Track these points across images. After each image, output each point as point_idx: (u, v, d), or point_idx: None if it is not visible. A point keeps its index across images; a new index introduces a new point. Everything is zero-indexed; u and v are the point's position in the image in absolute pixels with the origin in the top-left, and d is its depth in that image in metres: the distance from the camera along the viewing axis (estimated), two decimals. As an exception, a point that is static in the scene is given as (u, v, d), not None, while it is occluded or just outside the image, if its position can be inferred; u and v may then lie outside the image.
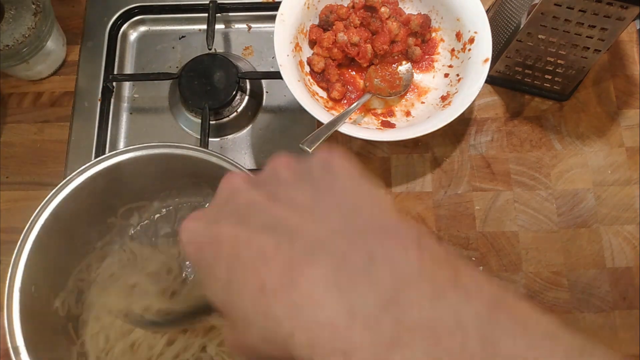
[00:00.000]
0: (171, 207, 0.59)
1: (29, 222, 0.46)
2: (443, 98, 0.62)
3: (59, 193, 0.48)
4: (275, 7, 0.65)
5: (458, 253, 0.22)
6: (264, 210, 0.25)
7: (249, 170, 0.49)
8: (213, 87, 0.67)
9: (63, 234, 0.50)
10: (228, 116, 0.69)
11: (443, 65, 0.65)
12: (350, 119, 0.60)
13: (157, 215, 0.59)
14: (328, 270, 0.22)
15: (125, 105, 0.72)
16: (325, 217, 0.24)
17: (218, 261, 0.25)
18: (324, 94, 0.64)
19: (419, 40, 0.66)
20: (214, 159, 0.49)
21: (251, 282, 0.23)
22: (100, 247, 0.56)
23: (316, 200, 0.25)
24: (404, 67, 0.65)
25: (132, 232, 0.58)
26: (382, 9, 0.63)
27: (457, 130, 0.65)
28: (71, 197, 0.49)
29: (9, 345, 0.43)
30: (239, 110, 0.70)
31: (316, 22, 0.65)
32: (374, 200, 0.26)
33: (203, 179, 0.58)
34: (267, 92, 0.72)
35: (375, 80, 0.63)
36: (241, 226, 0.25)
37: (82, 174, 0.49)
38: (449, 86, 0.63)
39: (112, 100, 0.71)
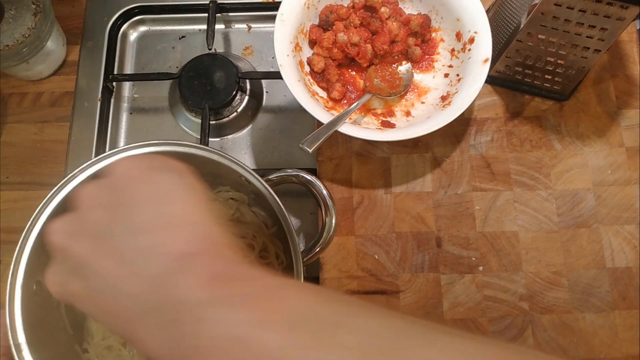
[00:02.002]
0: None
1: (31, 219, 0.46)
2: (443, 98, 0.62)
3: (62, 189, 0.48)
4: (275, 7, 0.65)
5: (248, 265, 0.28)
6: (93, 268, 0.29)
7: (253, 169, 0.49)
8: (213, 87, 0.68)
9: None
10: (228, 116, 0.69)
11: (443, 65, 0.65)
12: (350, 119, 0.60)
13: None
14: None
15: (125, 105, 0.72)
16: (138, 267, 0.28)
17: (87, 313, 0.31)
18: (324, 94, 0.64)
19: (419, 40, 0.66)
20: (215, 157, 0.49)
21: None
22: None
23: (127, 244, 0.29)
24: (404, 67, 0.65)
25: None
26: (382, 9, 0.63)
27: (457, 130, 0.65)
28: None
29: (11, 342, 0.43)
30: (239, 110, 0.70)
31: (316, 22, 0.65)
32: (181, 224, 0.29)
33: (204, 178, 0.58)
34: (267, 92, 0.72)
35: (375, 80, 0.63)
36: (85, 287, 0.30)
37: (83, 172, 0.49)
38: (449, 86, 0.63)
39: (112, 100, 0.71)
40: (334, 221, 0.51)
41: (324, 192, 0.51)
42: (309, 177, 0.52)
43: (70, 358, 0.50)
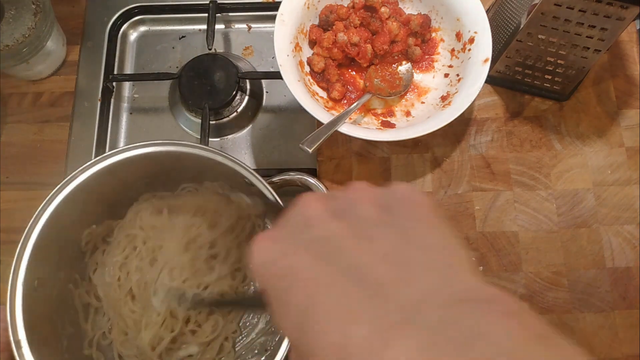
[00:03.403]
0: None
1: (33, 217, 0.47)
2: (443, 98, 0.62)
3: (62, 189, 0.48)
4: (275, 7, 0.65)
5: (553, 327, 0.21)
6: (347, 250, 0.24)
7: (253, 169, 0.49)
8: (213, 87, 0.68)
9: (66, 231, 0.51)
10: (228, 116, 0.69)
11: (443, 65, 0.65)
12: (350, 119, 0.60)
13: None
14: (423, 343, 0.19)
15: (125, 105, 0.72)
16: (417, 276, 0.22)
17: (293, 296, 0.23)
18: (324, 94, 0.64)
19: (419, 40, 0.66)
20: (218, 157, 0.49)
21: (332, 335, 0.21)
22: (103, 243, 0.56)
23: (404, 252, 0.24)
24: (404, 67, 0.65)
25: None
26: (382, 9, 0.63)
27: (457, 130, 0.65)
28: (74, 194, 0.49)
29: (11, 338, 0.43)
30: (239, 110, 0.70)
31: (316, 22, 0.65)
32: (462, 260, 0.25)
33: (205, 178, 0.58)
34: (267, 92, 0.72)
35: (375, 80, 0.63)
36: (322, 265, 0.23)
37: (83, 172, 0.49)
38: (449, 86, 0.63)
39: (112, 100, 0.71)
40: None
41: None
42: (312, 180, 0.52)
43: (69, 355, 0.50)
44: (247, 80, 0.70)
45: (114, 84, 0.71)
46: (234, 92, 0.67)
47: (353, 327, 0.21)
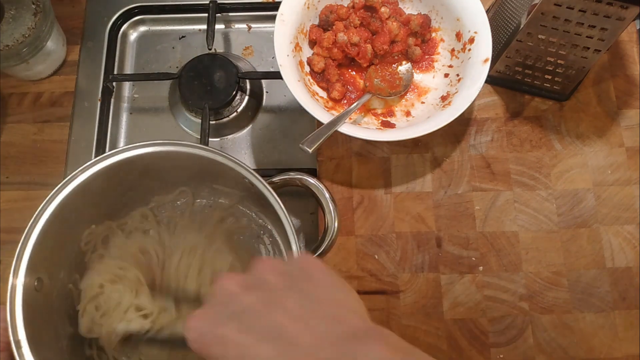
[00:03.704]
0: (178, 204, 0.60)
1: (33, 217, 0.47)
2: (443, 98, 0.62)
3: (62, 189, 0.48)
4: (275, 7, 0.65)
5: (412, 346, 0.30)
6: (262, 316, 0.31)
7: (253, 169, 0.49)
8: (213, 87, 0.68)
9: (66, 231, 0.51)
10: (228, 116, 0.69)
11: (443, 65, 0.65)
12: (350, 119, 0.60)
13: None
14: None
15: (125, 105, 0.72)
16: (317, 324, 0.30)
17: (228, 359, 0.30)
18: (324, 94, 0.64)
19: (419, 40, 0.66)
20: (218, 157, 0.49)
21: None
22: (103, 242, 0.56)
23: (305, 308, 0.31)
24: (404, 67, 0.65)
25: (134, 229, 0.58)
26: (382, 9, 0.63)
27: (457, 130, 0.65)
28: (74, 194, 0.49)
29: (11, 338, 0.43)
30: (239, 110, 0.70)
31: (316, 22, 0.65)
32: (350, 307, 0.32)
33: (205, 178, 0.58)
34: (267, 92, 0.72)
35: (375, 80, 0.63)
36: (244, 332, 0.30)
37: (83, 172, 0.49)
38: (449, 86, 0.63)
39: (112, 100, 0.71)
40: (336, 225, 0.51)
41: (327, 195, 0.52)
42: (312, 180, 0.52)
43: (69, 355, 0.50)
44: (247, 80, 0.70)
45: (114, 84, 0.71)
46: (234, 92, 0.67)
47: None
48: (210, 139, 0.67)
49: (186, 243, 0.55)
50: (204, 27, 0.72)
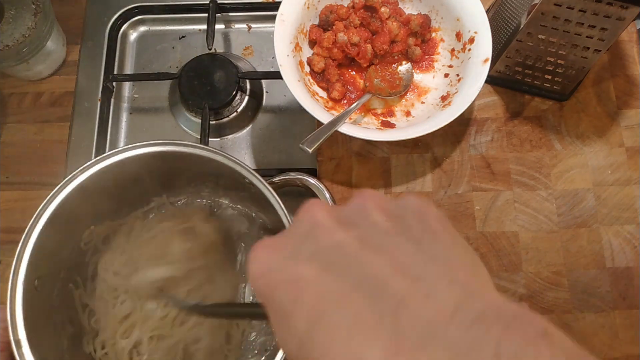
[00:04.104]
0: (178, 204, 0.60)
1: (33, 217, 0.47)
2: (443, 98, 0.62)
3: (62, 189, 0.48)
4: (275, 7, 0.65)
5: (584, 350, 0.20)
6: (359, 261, 0.22)
7: (253, 169, 0.49)
8: (213, 87, 0.68)
9: (66, 231, 0.51)
10: (228, 116, 0.69)
11: (443, 65, 0.65)
12: (350, 119, 0.60)
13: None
14: None
15: (125, 105, 0.72)
16: (436, 291, 0.20)
17: (298, 310, 0.21)
18: (324, 94, 0.64)
19: (419, 40, 0.66)
20: (218, 157, 0.49)
21: (339, 357, 0.19)
22: (104, 242, 0.56)
23: (422, 264, 0.22)
24: (404, 67, 0.65)
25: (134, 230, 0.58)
26: (382, 9, 0.63)
27: (457, 130, 0.65)
28: (74, 194, 0.49)
29: (11, 338, 0.43)
30: (239, 110, 0.70)
31: (316, 22, 0.65)
32: (482, 276, 0.23)
33: (205, 178, 0.58)
34: (267, 92, 0.72)
35: (375, 80, 0.63)
36: (332, 277, 0.21)
37: (83, 172, 0.49)
38: (449, 86, 0.63)
39: (112, 100, 0.71)
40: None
41: (327, 196, 0.52)
42: (312, 180, 0.52)
43: (69, 355, 0.50)
44: (247, 80, 0.70)
45: (114, 84, 0.71)
46: (234, 92, 0.67)
47: (364, 349, 0.19)
48: (210, 139, 0.67)
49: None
50: (204, 27, 0.72)
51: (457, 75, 0.62)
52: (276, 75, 0.61)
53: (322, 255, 0.23)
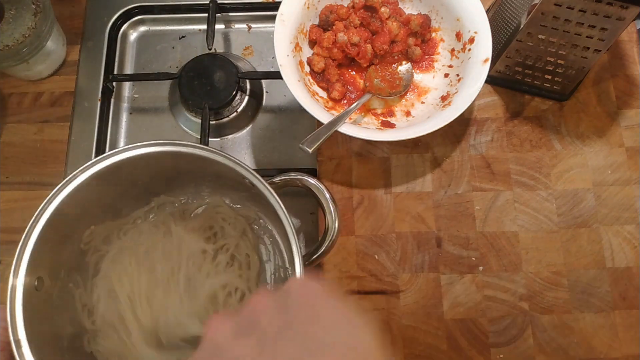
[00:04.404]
0: (177, 205, 0.60)
1: (33, 217, 0.47)
2: (443, 98, 0.62)
3: (62, 189, 0.48)
4: (275, 7, 0.65)
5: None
6: None
7: (253, 169, 0.49)
8: (213, 87, 0.68)
9: (66, 231, 0.51)
10: (228, 116, 0.69)
11: (443, 65, 0.65)
12: (350, 119, 0.60)
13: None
14: None
15: (125, 105, 0.72)
16: None
17: None
18: (324, 94, 0.64)
19: (419, 40, 0.66)
20: (218, 158, 0.49)
21: None
22: (104, 242, 0.56)
23: (307, 357, 0.26)
24: (404, 67, 0.65)
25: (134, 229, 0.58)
26: (382, 9, 0.63)
27: (457, 130, 0.65)
28: (74, 194, 0.49)
29: (11, 338, 0.43)
30: (239, 110, 0.70)
31: (316, 22, 0.65)
32: (364, 352, 0.27)
33: (206, 178, 0.58)
34: (267, 92, 0.72)
35: (375, 80, 0.63)
36: None
37: (83, 172, 0.49)
38: (449, 86, 0.63)
39: (112, 100, 0.71)
40: (337, 225, 0.51)
41: (327, 196, 0.52)
42: (313, 181, 0.52)
43: (69, 355, 0.50)
44: (247, 80, 0.70)
45: (114, 84, 0.71)
46: (234, 92, 0.67)
47: None
48: (210, 139, 0.67)
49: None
50: (204, 27, 0.72)
51: (457, 75, 0.62)
52: (276, 75, 0.61)
53: None
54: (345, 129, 0.56)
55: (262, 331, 0.28)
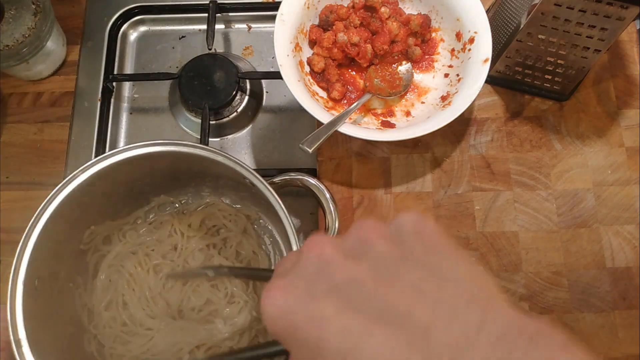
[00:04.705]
0: (177, 206, 0.60)
1: (33, 217, 0.47)
2: (443, 98, 0.62)
3: (62, 189, 0.48)
4: (275, 7, 0.65)
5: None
6: (375, 293, 0.23)
7: (253, 169, 0.49)
8: (213, 87, 0.68)
9: (66, 230, 0.51)
10: (228, 116, 0.69)
11: (443, 65, 0.65)
12: (350, 119, 0.60)
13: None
14: None
15: (125, 105, 0.72)
16: (457, 313, 0.22)
17: (325, 348, 0.22)
18: (324, 94, 0.64)
19: (419, 40, 0.66)
20: (218, 157, 0.49)
21: None
22: (104, 242, 0.57)
23: (435, 287, 0.23)
24: (404, 67, 0.65)
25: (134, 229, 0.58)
26: (382, 9, 0.63)
27: (457, 130, 0.65)
28: (74, 194, 0.49)
29: (11, 337, 0.43)
30: (239, 110, 0.70)
31: (316, 22, 0.65)
32: (494, 290, 0.24)
33: (206, 178, 0.58)
34: (267, 92, 0.72)
35: (375, 80, 0.63)
36: (352, 312, 0.22)
37: (83, 172, 0.49)
38: (449, 86, 0.63)
39: (112, 100, 0.71)
40: (337, 225, 0.51)
41: (328, 196, 0.52)
42: (313, 181, 0.52)
43: (69, 355, 0.50)
44: (247, 80, 0.70)
45: (114, 84, 0.71)
46: (234, 92, 0.67)
47: None
48: (210, 139, 0.67)
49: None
50: (204, 27, 0.72)
51: (457, 75, 0.62)
52: (276, 75, 0.61)
53: (338, 291, 0.23)
54: (345, 129, 0.56)
55: (375, 258, 0.24)
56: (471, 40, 0.62)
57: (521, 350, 0.20)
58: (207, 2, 0.72)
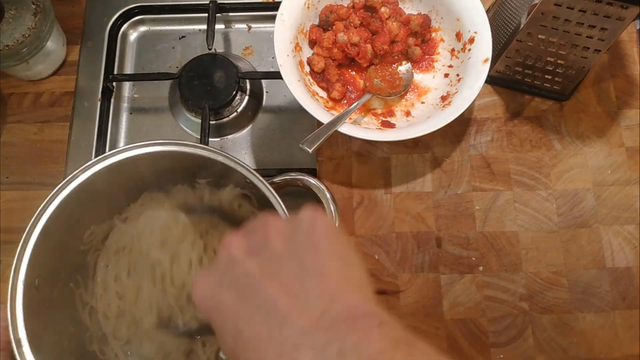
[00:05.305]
0: (177, 205, 0.60)
1: (33, 217, 0.47)
2: (443, 98, 0.62)
3: (62, 189, 0.48)
4: (275, 7, 0.65)
5: (412, 335, 0.26)
6: (258, 285, 0.29)
7: (253, 169, 0.49)
8: (213, 87, 0.68)
9: (66, 231, 0.51)
10: (228, 116, 0.69)
11: (443, 65, 0.65)
12: (350, 119, 0.60)
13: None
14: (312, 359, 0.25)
15: (125, 105, 0.72)
16: (308, 304, 0.27)
17: (225, 331, 0.29)
18: (324, 94, 0.64)
19: (419, 40, 0.66)
20: (219, 157, 0.49)
21: (253, 356, 0.27)
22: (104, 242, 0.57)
23: (302, 283, 0.28)
24: (404, 67, 0.65)
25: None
26: (382, 9, 0.63)
27: (457, 130, 0.65)
28: (74, 194, 0.49)
29: (12, 337, 0.43)
30: (239, 110, 0.70)
31: (316, 22, 0.65)
32: (351, 282, 0.29)
33: (206, 178, 0.58)
34: (267, 92, 0.72)
35: (375, 80, 0.63)
36: (242, 301, 0.29)
37: (83, 172, 0.49)
38: (449, 86, 0.63)
39: (112, 100, 0.71)
40: (337, 225, 0.51)
41: (328, 196, 0.52)
42: (313, 181, 0.52)
43: (70, 354, 0.50)
44: (247, 80, 0.70)
45: (114, 84, 0.71)
46: (234, 92, 0.67)
47: (268, 349, 0.27)
48: (210, 139, 0.67)
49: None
50: (204, 27, 0.72)
51: (457, 75, 0.62)
52: (276, 75, 0.61)
53: (236, 284, 0.30)
54: (345, 129, 0.56)
55: (270, 253, 0.30)
56: (471, 40, 0.62)
57: (343, 332, 0.25)
58: (207, 2, 0.72)
